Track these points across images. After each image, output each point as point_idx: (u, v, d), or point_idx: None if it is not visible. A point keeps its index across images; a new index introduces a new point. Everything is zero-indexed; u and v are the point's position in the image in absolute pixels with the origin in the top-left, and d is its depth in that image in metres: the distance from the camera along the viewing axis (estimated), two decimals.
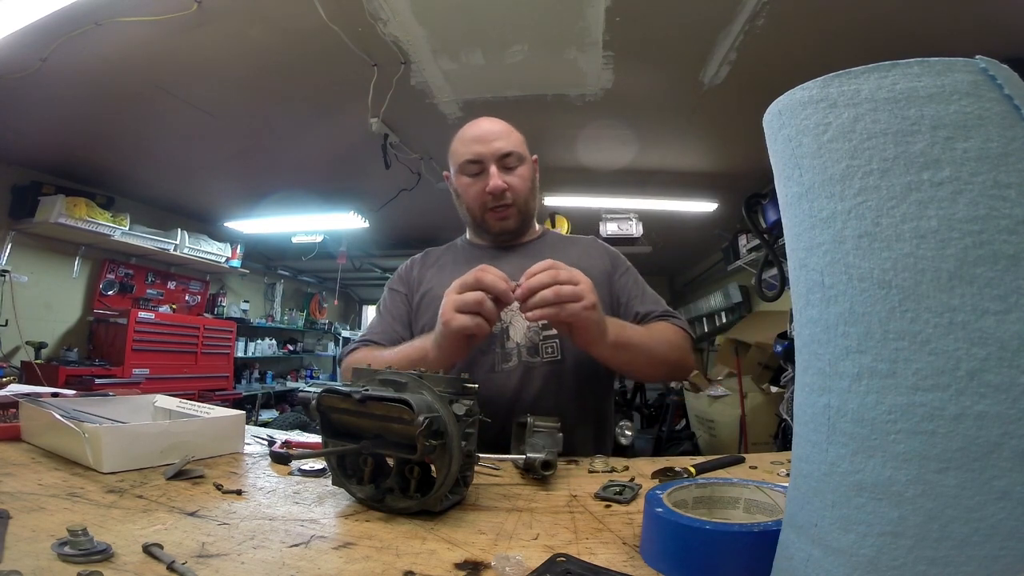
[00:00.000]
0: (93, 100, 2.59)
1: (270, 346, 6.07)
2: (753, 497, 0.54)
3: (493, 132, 1.14)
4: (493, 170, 1.11)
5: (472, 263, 1.14)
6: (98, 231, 3.70)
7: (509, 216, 1.16)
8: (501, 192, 1.12)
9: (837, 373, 0.33)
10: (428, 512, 0.59)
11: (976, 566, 0.28)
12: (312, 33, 2.04)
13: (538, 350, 1.08)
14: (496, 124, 1.16)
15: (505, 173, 1.13)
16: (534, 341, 1.08)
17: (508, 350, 1.08)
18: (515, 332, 1.09)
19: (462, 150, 1.15)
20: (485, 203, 1.14)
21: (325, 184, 3.77)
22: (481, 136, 1.14)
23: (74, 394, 1.10)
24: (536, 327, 1.09)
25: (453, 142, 1.19)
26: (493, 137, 1.13)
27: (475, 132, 1.15)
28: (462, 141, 1.16)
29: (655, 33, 2.07)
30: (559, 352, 1.08)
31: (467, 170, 1.14)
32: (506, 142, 1.13)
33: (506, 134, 1.15)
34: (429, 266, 1.24)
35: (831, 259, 0.33)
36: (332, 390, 0.61)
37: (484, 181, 1.12)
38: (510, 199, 1.14)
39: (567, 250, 1.23)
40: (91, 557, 0.43)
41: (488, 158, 1.12)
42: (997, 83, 0.29)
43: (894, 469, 0.30)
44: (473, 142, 1.13)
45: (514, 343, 1.08)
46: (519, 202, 1.15)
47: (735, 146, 3.04)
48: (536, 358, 1.07)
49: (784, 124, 0.36)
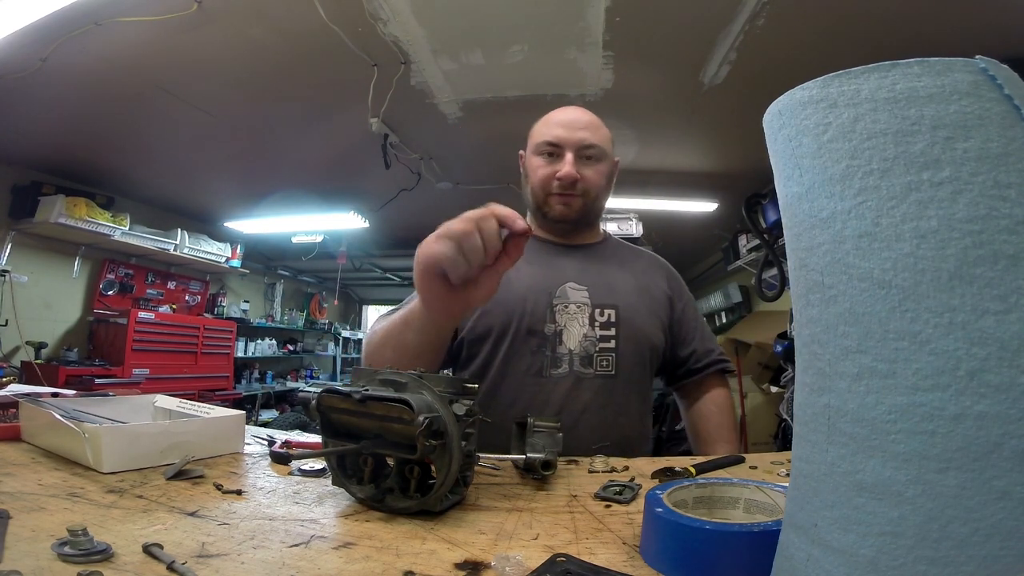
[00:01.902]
0: (93, 100, 2.60)
1: (270, 346, 6.07)
2: (753, 497, 0.54)
3: (581, 121, 1.08)
4: (569, 157, 1.05)
5: (533, 254, 1.07)
6: (98, 231, 3.70)
7: (573, 204, 1.08)
8: (572, 182, 1.05)
9: (837, 373, 0.33)
10: (428, 512, 0.59)
11: (976, 566, 0.28)
12: (312, 33, 2.04)
13: (592, 361, 1.02)
14: (587, 115, 1.10)
15: (582, 164, 1.06)
16: (589, 352, 1.02)
17: (559, 355, 1.02)
18: (569, 338, 1.03)
19: (543, 130, 1.09)
20: (551, 187, 1.07)
21: (325, 184, 3.77)
22: (568, 122, 1.08)
23: (74, 394, 1.10)
24: (594, 336, 1.03)
25: (537, 123, 1.13)
26: (580, 126, 1.07)
27: (562, 116, 1.09)
28: (546, 123, 1.10)
29: (655, 33, 2.07)
30: (614, 367, 1.03)
31: (542, 150, 1.08)
32: (591, 134, 1.07)
33: (594, 127, 1.09)
34: None
35: (831, 259, 0.33)
36: (332, 390, 0.61)
37: (556, 166, 1.06)
38: (580, 190, 1.07)
39: (632, 261, 1.19)
40: (91, 557, 0.43)
41: (568, 145, 1.05)
42: (997, 83, 0.29)
43: (894, 469, 0.30)
44: (557, 125, 1.07)
45: (567, 349, 1.02)
46: (589, 195, 1.09)
47: (735, 146, 3.04)
48: (589, 369, 1.02)
49: (784, 124, 0.36)
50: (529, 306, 1.03)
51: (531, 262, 1.07)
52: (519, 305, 1.03)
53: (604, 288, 1.07)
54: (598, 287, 1.07)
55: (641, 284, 1.12)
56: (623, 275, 1.12)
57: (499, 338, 1.02)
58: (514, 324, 1.02)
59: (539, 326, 1.02)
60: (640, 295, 1.10)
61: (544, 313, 1.03)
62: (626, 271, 1.14)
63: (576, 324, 1.03)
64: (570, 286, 1.06)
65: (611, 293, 1.07)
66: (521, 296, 1.03)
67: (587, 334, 1.03)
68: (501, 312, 1.02)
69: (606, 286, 1.08)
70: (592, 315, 1.04)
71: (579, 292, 1.06)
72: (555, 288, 1.05)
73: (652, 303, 1.11)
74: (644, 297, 1.11)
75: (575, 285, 1.06)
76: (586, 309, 1.04)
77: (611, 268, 1.13)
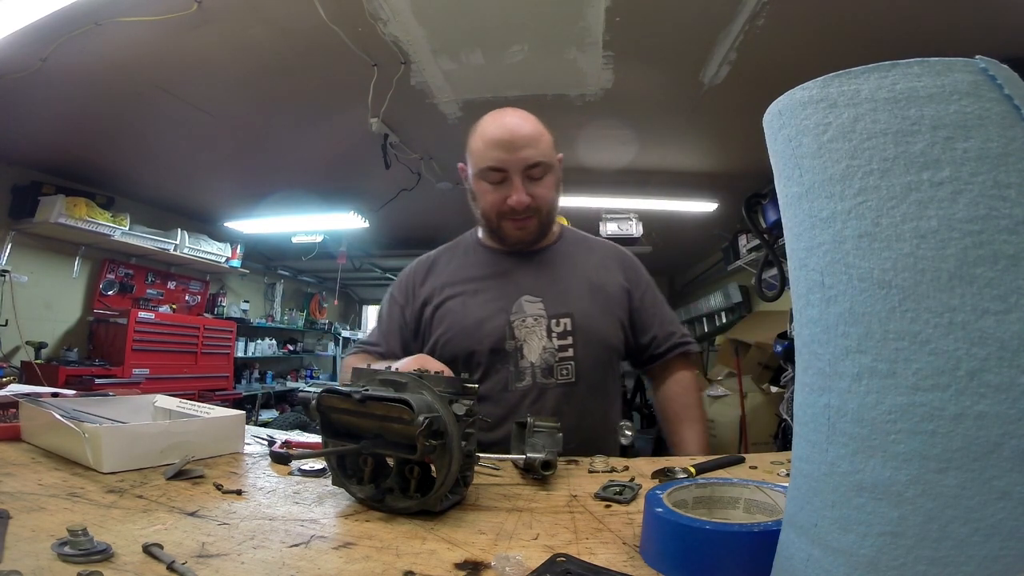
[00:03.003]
0: (93, 100, 2.59)
1: (270, 346, 6.07)
2: (753, 497, 0.54)
3: (521, 138, 1.02)
4: (517, 183, 1.02)
5: (488, 269, 1.13)
6: (98, 231, 3.69)
7: (528, 227, 1.08)
8: (525, 207, 1.03)
9: (837, 373, 0.33)
10: (428, 512, 0.59)
11: (976, 566, 0.28)
12: (312, 33, 2.04)
13: (553, 371, 1.05)
14: (524, 124, 1.04)
15: (530, 184, 1.03)
16: (549, 363, 1.05)
17: (522, 369, 1.04)
18: (530, 351, 1.05)
19: (484, 153, 1.03)
20: (504, 212, 1.06)
21: (325, 184, 3.76)
22: (508, 141, 1.01)
23: (74, 394, 1.10)
24: (553, 348, 1.05)
25: (474, 137, 1.07)
26: (521, 144, 1.01)
27: (500, 134, 1.03)
28: (485, 142, 1.04)
29: (655, 33, 2.07)
30: (574, 375, 1.05)
31: (488, 177, 1.04)
32: (535, 150, 1.02)
33: (535, 139, 1.03)
34: (438, 273, 1.16)
35: (831, 259, 0.33)
36: (332, 390, 0.61)
37: (506, 191, 1.03)
38: (532, 210, 1.05)
39: (586, 257, 1.18)
40: (91, 557, 0.43)
41: (513, 168, 1.01)
42: (997, 83, 0.29)
43: (894, 469, 0.30)
44: (497, 147, 1.02)
45: (528, 362, 1.04)
46: (542, 212, 1.08)
47: (735, 146, 3.04)
48: (550, 379, 1.04)
49: (784, 124, 0.36)
50: (487, 328, 1.06)
51: (485, 279, 1.11)
52: (477, 329, 1.06)
53: (558, 297, 1.09)
54: (552, 297, 1.09)
55: (595, 283, 1.13)
56: (577, 279, 1.13)
57: (466, 362, 1.06)
58: (477, 347, 1.05)
59: (500, 344, 1.05)
60: (594, 297, 1.11)
61: (503, 331, 1.06)
62: (579, 273, 1.14)
63: (535, 337, 1.06)
64: (525, 299, 1.08)
65: (565, 301, 1.09)
66: (479, 320, 1.07)
67: (546, 346, 1.05)
68: (462, 339, 1.07)
69: (560, 295, 1.09)
70: (549, 326, 1.06)
71: (534, 304, 1.08)
72: (511, 304, 1.08)
73: (607, 302, 1.13)
74: (599, 297, 1.12)
75: (530, 298, 1.08)
76: (543, 321, 1.07)
77: (565, 272, 1.14)
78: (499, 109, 1.09)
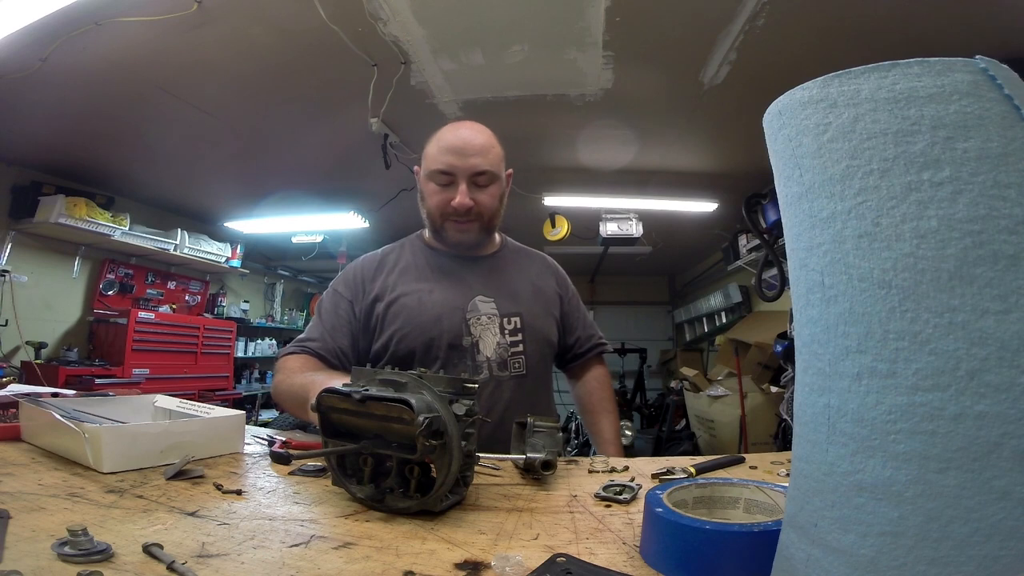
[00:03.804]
0: (93, 100, 2.59)
1: (270, 346, 6.06)
2: (753, 497, 0.54)
3: (472, 147, 1.09)
4: (463, 187, 1.09)
5: (438, 269, 1.20)
6: (98, 231, 3.69)
7: (470, 230, 1.15)
8: (467, 210, 1.10)
9: (837, 373, 0.33)
10: (428, 512, 0.59)
11: (976, 566, 0.28)
12: (312, 33, 2.04)
13: (507, 365, 1.13)
14: (478, 136, 1.12)
15: (475, 190, 1.11)
16: (503, 357, 1.13)
17: (479, 363, 1.11)
18: (485, 347, 1.12)
19: (436, 157, 1.10)
20: (447, 213, 1.12)
21: (325, 184, 3.76)
22: (459, 148, 1.09)
23: (74, 394, 1.10)
24: (505, 343, 1.13)
25: (430, 143, 1.15)
26: (471, 152, 1.09)
27: (453, 141, 1.10)
28: (438, 147, 1.11)
29: (655, 33, 2.07)
30: (525, 368, 1.14)
31: (437, 179, 1.11)
32: (483, 160, 1.09)
33: (485, 150, 1.10)
34: (388, 271, 1.20)
35: (831, 259, 0.33)
36: (332, 390, 0.61)
37: (451, 194, 1.10)
38: (474, 215, 1.12)
39: (527, 267, 1.28)
40: (91, 557, 0.43)
41: (460, 173, 1.09)
42: (997, 83, 0.29)
43: (894, 469, 0.30)
44: (449, 152, 1.09)
45: (484, 356, 1.12)
46: (483, 218, 1.14)
47: (735, 146, 3.04)
48: (505, 372, 1.12)
49: (784, 124, 0.36)
50: (445, 323, 1.12)
51: (439, 279, 1.17)
52: (435, 325, 1.11)
53: (508, 297, 1.18)
54: (503, 297, 1.17)
55: (536, 287, 1.25)
56: (522, 282, 1.23)
57: (423, 356, 1.10)
58: (435, 342, 1.10)
59: (458, 340, 1.11)
60: (537, 298, 1.22)
61: (460, 327, 1.12)
62: (523, 277, 1.25)
63: (489, 333, 1.13)
64: (479, 299, 1.16)
65: (515, 301, 1.18)
66: (436, 316, 1.12)
67: (500, 342, 1.13)
68: (420, 334, 1.11)
69: (510, 295, 1.18)
70: (501, 324, 1.15)
71: (487, 304, 1.16)
72: (466, 303, 1.15)
73: (547, 303, 1.24)
74: (540, 299, 1.23)
75: (483, 298, 1.16)
76: (496, 319, 1.15)
77: (511, 276, 1.24)
78: (458, 121, 1.18)
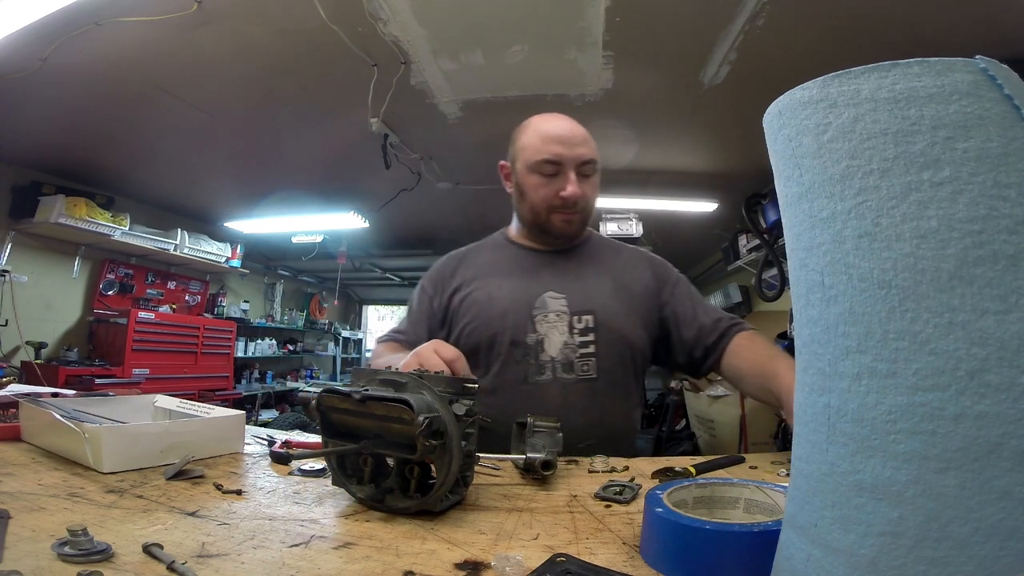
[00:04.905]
0: (93, 100, 2.59)
1: (270, 346, 6.07)
2: (753, 497, 0.54)
3: (577, 136, 1.09)
4: (572, 176, 1.07)
5: (515, 265, 1.17)
6: (98, 231, 3.69)
7: (574, 221, 1.13)
8: (576, 200, 1.08)
9: (837, 373, 0.33)
10: (428, 512, 0.59)
11: (976, 566, 0.28)
12: (312, 33, 2.03)
13: (573, 367, 1.06)
14: (578, 126, 1.11)
15: (581, 181, 1.09)
16: (569, 358, 1.06)
17: (543, 362, 1.06)
18: (550, 346, 1.07)
19: (541, 147, 1.08)
20: (554, 205, 1.10)
21: (325, 184, 3.76)
22: (565, 137, 1.08)
23: (74, 394, 1.10)
24: (574, 344, 1.07)
25: (526, 134, 1.12)
26: (577, 141, 1.08)
27: (556, 131, 1.09)
28: (540, 137, 1.09)
29: (655, 33, 2.07)
30: (595, 371, 1.06)
31: (542, 169, 1.08)
32: (588, 149, 1.09)
33: (587, 140, 1.10)
34: (469, 268, 1.20)
35: (831, 259, 0.33)
36: (332, 390, 0.61)
37: (559, 184, 1.08)
38: (580, 207, 1.11)
39: (612, 259, 1.21)
40: (91, 557, 0.43)
41: (569, 162, 1.07)
42: (997, 83, 0.29)
43: (894, 469, 0.30)
44: (554, 142, 1.07)
45: (548, 356, 1.07)
46: (587, 210, 1.13)
47: (735, 146, 3.04)
48: (570, 375, 1.06)
49: (784, 124, 0.36)
50: (511, 319, 1.08)
51: (512, 274, 1.14)
52: (500, 320, 1.09)
53: (582, 295, 1.11)
54: (576, 294, 1.11)
55: (620, 284, 1.15)
56: (601, 278, 1.15)
57: (487, 352, 1.08)
58: (498, 338, 1.08)
59: (521, 337, 1.07)
60: (618, 296, 1.12)
61: (525, 324, 1.08)
62: (605, 273, 1.17)
63: (556, 332, 1.08)
64: (549, 295, 1.10)
65: (588, 299, 1.10)
66: (502, 310, 1.09)
67: (567, 341, 1.07)
68: (485, 329, 1.09)
69: (583, 292, 1.11)
70: (571, 322, 1.08)
71: (558, 300, 1.10)
72: (534, 299, 1.10)
73: (632, 302, 1.13)
74: (623, 297, 1.13)
75: (554, 294, 1.11)
76: (565, 317, 1.09)
77: (590, 272, 1.16)
78: (547, 113, 1.15)
